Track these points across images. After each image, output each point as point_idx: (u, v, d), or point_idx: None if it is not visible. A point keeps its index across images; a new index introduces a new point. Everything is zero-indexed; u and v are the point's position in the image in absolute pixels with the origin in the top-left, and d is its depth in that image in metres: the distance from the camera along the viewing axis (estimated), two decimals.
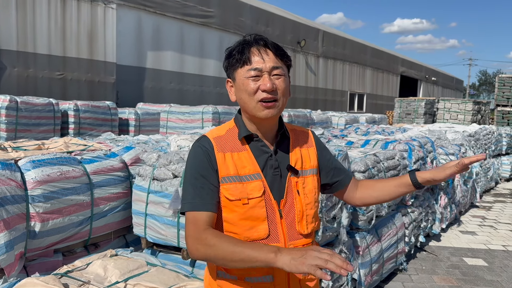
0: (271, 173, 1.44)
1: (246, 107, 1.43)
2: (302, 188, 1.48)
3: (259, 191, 1.41)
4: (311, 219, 1.50)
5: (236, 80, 1.44)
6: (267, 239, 1.42)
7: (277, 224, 1.43)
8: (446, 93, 37.94)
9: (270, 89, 1.37)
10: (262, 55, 1.40)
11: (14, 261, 2.45)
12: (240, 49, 1.42)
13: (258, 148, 1.47)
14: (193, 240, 1.34)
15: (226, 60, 1.46)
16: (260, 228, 1.41)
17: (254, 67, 1.39)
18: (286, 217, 1.45)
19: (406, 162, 4.53)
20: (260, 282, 1.43)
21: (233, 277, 1.44)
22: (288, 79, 1.46)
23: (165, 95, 13.10)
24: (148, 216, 3.01)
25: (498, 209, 7.84)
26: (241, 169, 1.43)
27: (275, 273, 1.42)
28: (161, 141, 4.57)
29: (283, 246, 1.42)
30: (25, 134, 6.60)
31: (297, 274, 1.45)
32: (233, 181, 1.41)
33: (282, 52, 1.44)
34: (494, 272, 4.67)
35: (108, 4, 11.39)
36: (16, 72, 9.66)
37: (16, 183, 2.56)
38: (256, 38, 1.44)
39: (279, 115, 1.47)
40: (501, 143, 10.96)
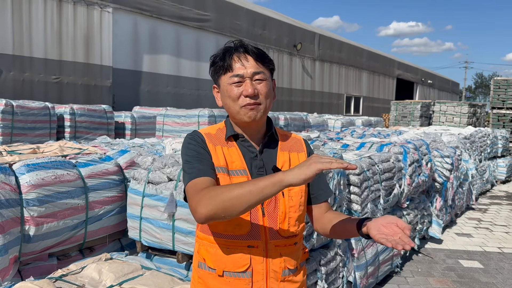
0: (255, 173, 1.47)
1: (231, 112, 1.49)
2: (287, 190, 1.48)
3: None
4: (294, 222, 1.51)
5: (220, 87, 1.50)
6: (248, 235, 1.44)
7: (258, 222, 1.45)
8: (442, 96, 38.09)
9: (252, 94, 1.42)
10: (243, 61, 1.45)
11: (8, 265, 2.45)
12: (222, 57, 1.47)
13: (244, 148, 1.51)
14: (196, 200, 1.30)
15: (211, 67, 1.52)
16: (242, 223, 1.44)
17: (236, 74, 1.44)
18: (269, 216, 1.47)
19: (401, 165, 4.54)
20: (237, 278, 1.44)
21: (212, 270, 1.46)
22: (271, 83, 1.51)
23: (162, 99, 13.10)
24: (143, 219, 3.01)
25: (494, 212, 7.87)
26: (230, 163, 1.47)
27: (254, 270, 1.44)
28: (156, 144, 4.58)
29: (263, 244, 1.45)
30: (20, 138, 6.57)
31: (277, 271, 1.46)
32: (222, 172, 1.44)
33: (263, 57, 1.48)
34: (489, 274, 4.68)
35: (104, 8, 11.39)
36: (12, 76, 9.64)
37: (11, 187, 2.56)
38: (236, 45, 1.49)
39: (264, 118, 1.51)
40: (497, 146, 11.01)
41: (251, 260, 1.44)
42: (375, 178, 3.95)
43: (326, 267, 3.18)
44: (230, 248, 1.45)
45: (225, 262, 1.45)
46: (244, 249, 1.44)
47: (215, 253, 1.47)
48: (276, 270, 1.47)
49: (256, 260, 1.44)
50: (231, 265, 1.44)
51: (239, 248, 1.44)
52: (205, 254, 1.50)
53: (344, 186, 3.51)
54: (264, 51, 1.51)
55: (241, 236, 1.44)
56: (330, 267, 3.24)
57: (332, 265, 3.27)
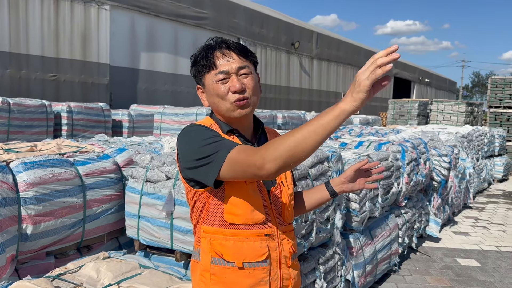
0: None
1: (220, 110, 1.46)
2: (284, 179, 1.55)
3: None
4: (292, 208, 1.58)
5: (205, 86, 1.47)
6: (264, 223, 1.46)
7: (269, 210, 1.48)
8: (439, 95, 38.17)
9: (240, 89, 1.41)
10: (226, 57, 1.43)
11: (6, 264, 2.43)
12: (204, 55, 1.44)
13: (243, 138, 1.51)
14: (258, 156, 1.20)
15: (193, 67, 1.49)
16: (259, 211, 1.45)
17: (221, 70, 1.42)
18: (275, 204, 1.50)
19: (399, 163, 4.54)
20: (257, 268, 1.43)
21: (231, 263, 1.41)
22: (256, 76, 1.50)
23: (159, 97, 13.07)
24: (141, 218, 3.00)
25: (491, 210, 7.89)
26: None
27: (271, 258, 1.46)
28: (154, 142, 4.56)
29: (275, 231, 1.48)
30: (17, 136, 6.54)
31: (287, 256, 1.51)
32: None
33: (246, 51, 1.47)
34: (487, 273, 4.69)
35: (102, 6, 11.34)
36: (8, 74, 9.59)
37: (8, 185, 2.54)
38: (218, 42, 1.47)
39: (253, 112, 1.51)
40: (494, 144, 11.04)
41: (269, 248, 1.46)
42: None
43: (324, 265, 3.17)
44: (248, 238, 1.43)
45: (245, 253, 1.42)
46: (262, 238, 1.45)
47: (233, 246, 1.42)
48: (286, 255, 1.50)
49: (272, 248, 1.47)
50: (251, 255, 1.42)
51: (258, 237, 1.45)
52: (220, 248, 1.43)
53: None
54: (245, 45, 1.50)
55: (259, 225, 1.45)
56: (329, 265, 3.24)
57: (331, 263, 3.27)
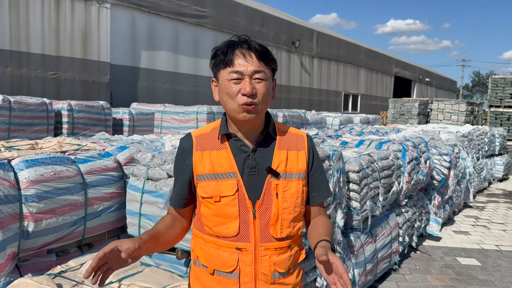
0: (247, 173, 1.43)
1: (227, 108, 1.44)
2: (282, 191, 1.44)
3: (232, 190, 1.42)
4: (288, 223, 1.45)
5: (219, 81, 1.45)
6: (237, 237, 1.43)
7: (249, 224, 1.42)
8: (440, 94, 38.15)
9: (249, 93, 1.37)
10: (244, 58, 1.39)
11: (5, 261, 2.43)
12: (224, 50, 1.41)
13: (237, 147, 1.46)
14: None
15: (212, 60, 1.47)
16: (231, 225, 1.42)
17: (236, 70, 1.39)
18: (261, 218, 1.43)
19: (400, 162, 4.55)
20: (226, 278, 1.44)
21: (205, 267, 1.48)
22: (271, 83, 1.45)
23: (160, 95, 13.06)
24: (142, 216, 3.00)
25: (491, 209, 7.89)
26: (218, 167, 1.44)
27: (241, 272, 1.43)
28: (155, 141, 4.56)
29: (252, 246, 1.43)
30: (18, 134, 6.55)
31: (266, 274, 1.45)
32: (207, 179, 1.44)
33: (266, 56, 1.42)
34: (487, 272, 4.70)
35: (102, 4, 11.33)
36: (9, 72, 9.59)
37: (9, 183, 2.54)
38: (241, 40, 1.42)
39: (260, 118, 1.47)
40: (494, 144, 11.04)
41: (238, 262, 1.43)
42: (374, 176, 3.95)
43: None
44: (219, 248, 1.45)
45: (215, 261, 1.45)
46: (232, 251, 1.43)
47: (207, 252, 1.47)
48: (265, 273, 1.44)
49: (244, 262, 1.43)
50: (220, 265, 1.44)
51: (228, 249, 1.43)
52: (198, 251, 1.50)
53: (344, 183, 3.50)
54: (268, 50, 1.45)
55: (229, 238, 1.43)
56: None
57: None
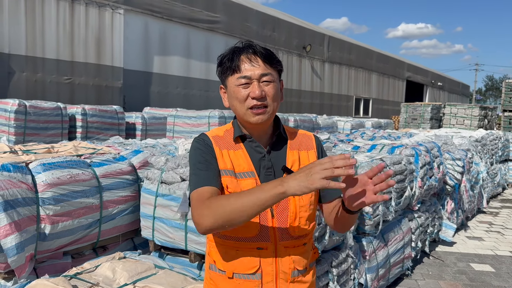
0: (264, 173, 1.47)
1: (238, 113, 1.48)
2: None
3: None
4: (305, 221, 1.49)
5: (228, 87, 1.49)
6: (257, 237, 1.44)
7: (268, 223, 1.44)
8: (452, 98, 37.81)
9: (259, 96, 1.41)
10: (251, 62, 1.43)
11: (25, 262, 2.48)
12: (230, 57, 1.45)
13: (252, 148, 1.50)
14: (198, 209, 1.33)
15: (218, 67, 1.50)
16: (251, 226, 1.43)
17: (244, 75, 1.42)
18: (279, 217, 1.45)
19: (412, 167, 4.53)
20: (247, 280, 1.44)
21: (222, 272, 1.47)
22: (278, 84, 1.50)
23: (172, 100, 13.16)
24: (156, 219, 3.04)
25: (505, 215, 7.80)
26: (237, 166, 1.46)
27: (263, 272, 1.44)
28: (168, 145, 4.61)
29: (272, 245, 1.44)
30: (33, 138, 6.65)
31: (286, 272, 1.46)
32: (229, 175, 1.45)
33: (271, 58, 1.46)
34: (501, 278, 4.64)
35: (116, 10, 11.49)
36: (24, 77, 9.75)
37: (27, 186, 2.60)
38: (245, 46, 1.47)
39: (271, 120, 1.50)
40: (508, 149, 10.90)
41: (260, 262, 1.44)
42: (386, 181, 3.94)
43: (337, 268, 3.18)
44: (239, 250, 1.45)
45: (235, 264, 1.45)
46: (253, 251, 1.44)
47: (225, 255, 1.47)
48: (285, 271, 1.46)
49: (265, 262, 1.44)
50: (241, 267, 1.44)
51: (248, 250, 1.44)
52: (215, 256, 1.51)
53: None
54: (272, 52, 1.50)
55: (250, 238, 1.44)
56: (342, 268, 3.24)
57: (344, 266, 3.27)
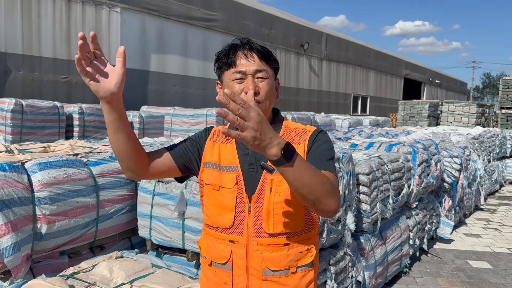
0: (246, 170, 1.49)
1: None
2: (276, 186, 1.44)
3: (231, 183, 1.47)
4: (282, 219, 1.44)
5: (223, 82, 1.53)
6: (231, 229, 1.47)
7: (243, 218, 1.46)
8: (450, 96, 37.85)
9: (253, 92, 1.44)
10: (246, 58, 1.46)
11: (21, 262, 2.47)
12: (226, 53, 1.49)
13: (240, 144, 1.52)
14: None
15: (215, 63, 1.54)
16: (226, 217, 1.47)
17: (239, 70, 1.46)
18: (255, 213, 1.45)
19: (410, 165, 4.53)
20: (220, 269, 1.50)
21: (205, 258, 1.56)
22: (273, 82, 1.51)
23: (169, 98, 13.13)
24: (153, 218, 3.03)
25: (502, 212, 7.81)
26: (223, 159, 1.51)
27: (234, 264, 1.48)
28: (165, 143, 4.59)
29: (244, 240, 1.46)
30: (30, 137, 6.62)
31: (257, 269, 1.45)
32: (212, 168, 1.51)
33: (267, 56, 1.50)
34: (499, 275, 4.65)
35: (113, 8, 11.44)
36: (21, 76, 9.71)
37: (23, 185, 2.58)
38: (242, 42, 1.50)
39: (266, 116, 1.49)
40: (506, 146, 10.92)
41: (231, 254, 1.47)
42: (384, 178, 3.94)
43: (335, 266, 3.17)
44: (215, 240, 1.51)
45: (212, 252, 1.52)
46: (226, 243, 1.48)
47: (207, 243, 1.55)
48: (257, 268, 1.45)
49: (236, 255, 1.46)
50: (216, 256, 1.51)
51: (222, 241, 1.49)
52: (202, 243, 1.59)
53: (354, 186, 3.50)
54: (270, 50, 1.52)
55: (224, 229, 1.48)
56: (340, 266, 3.24)
57: (342, 264, 3.27)
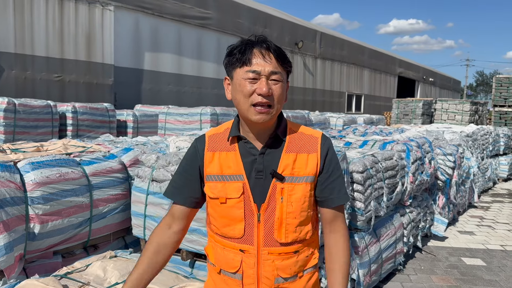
0: (254, 176, 1.42)
1: (240, 107, 1.41)
2: (287, 195, 1.41)
3: (238, 192, 1.42)
4: (294, 228, 1.43)
5: (233, 79, 1.42)
6: (241, 239, 1.44)
7: (253, 227, 1.42)
8: (444, 94, 38.03)
9: (266, 94, 1.36)
10: (264, 58, 1.38)
11: (14, 262, 2.45)
12: (242, 49, 1.39)
13: (246, 150, 1.45)
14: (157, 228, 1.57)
15: (227, 57, 1.44)
16: (236, 227, 1.44)
17: (253, 69, 1.37)
18: (265, 222, 1.42)
19: (404, 163, 4.54)
20: (230, 278, 1.47)
21: (213, 265, 1.52)
22: (285, 85, 1.45)
23: (163, 97, 13.10)
24: (147, 217, 3.02)
25: (496, 209, 7.86)
26: (226, 168, 1.44)
27: (244, 273, 1.45)
28: (159, 142, 4.58)
29: (255, 250, 1.43)
30: (23, 136, 6.58)
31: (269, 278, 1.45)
32: (215, 180, 1.45)
33: (284, 58, 1.42)
34: (492, 272, 4.68)
35: (106, 6, 11.39)
36: (14, 74, 9.64)
37: (16, 185, 2.56)
38: (259, 40, 1.42)
39: (273, 120, 1.44)
40: (499, 144, 11.00)
41: (242, 263, 1.44)
42: (378, 176, 3.95)
43: None
44: (225, 248, 1.47)
45: (221, 261, 1.48)
46: (236, 252, 1.45)
47: (215, 251, 1.51)
48: (268, 277, 1.43)
49: (247, 264, 1.44)
50: (226, 265, 1.47)
51: (232, 249, 1.46)
52: (209, 250, 1.55)
53: (348, 184, 3.51)
54: (284, 51, 1.44)
55: (235, 239, 1.45)
56: None
57: None
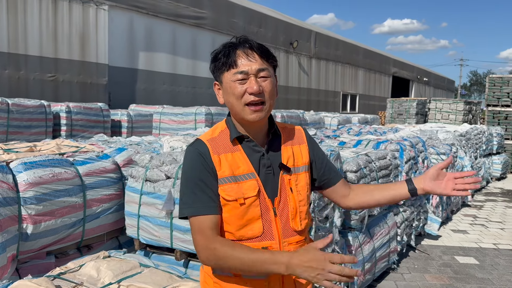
0: (264, 172, 1.46)
1: (234, 110, 1.44)
2: (295, 185, 1.50)
3: (254, 190, 1.43)
4: (304, 215, 1.52)
5: (223, 84, 1.45)
6: (261, 237, 1.44)
7: (271, 222, 1.46)
8: (438, 94, 38.21)
9: (257, 92, 1.39)
10: (248, 57, 1.40)
11: (7, 263, 2.44)
12: (226, 52, 1.42)
13: (250, 148, 1.48)
14: (203, 251, 1.37)
15: (212, 63, 1.46)
16: (255, 226, 1.43)
17: (240, 70, 1.39)
18: (281, 215, 1.47)
19: (397, 162, 4.56)
20: (254, 279, 1.44)
21: (228, 273, 1.46)
22: (274, 80, 1.48)
23: (158, 97, 13.06)
24: (141, 217, 3.02)
25: (489, 208, 7.92)
26: (236, 169, 1.44)
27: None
28: (153, 142, 4.57)
29: (277, 244, 1.45)
30: (16, 136, 6.54)
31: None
32: (229, 182, 1.43)
33: (268, 54, 1.45)
34: (485, 270, 4.72)
35: (100, 6, 11.34)
36: (7, 74, 9.59)
37: (8, 185, 2.55)
38: (241, 41, 1.44)
39: (267, 117, 1.49)
40: (492, 143, 11.07)
41: None
42: (372, 175, 3.97)
43: None
44: None
45: None
46: None
47: None
48: None
49: None
50: None
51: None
52: None
53: None
54: (268, 48, 1.48)
55: (255, 238, 1.44)
56: None
57: None
